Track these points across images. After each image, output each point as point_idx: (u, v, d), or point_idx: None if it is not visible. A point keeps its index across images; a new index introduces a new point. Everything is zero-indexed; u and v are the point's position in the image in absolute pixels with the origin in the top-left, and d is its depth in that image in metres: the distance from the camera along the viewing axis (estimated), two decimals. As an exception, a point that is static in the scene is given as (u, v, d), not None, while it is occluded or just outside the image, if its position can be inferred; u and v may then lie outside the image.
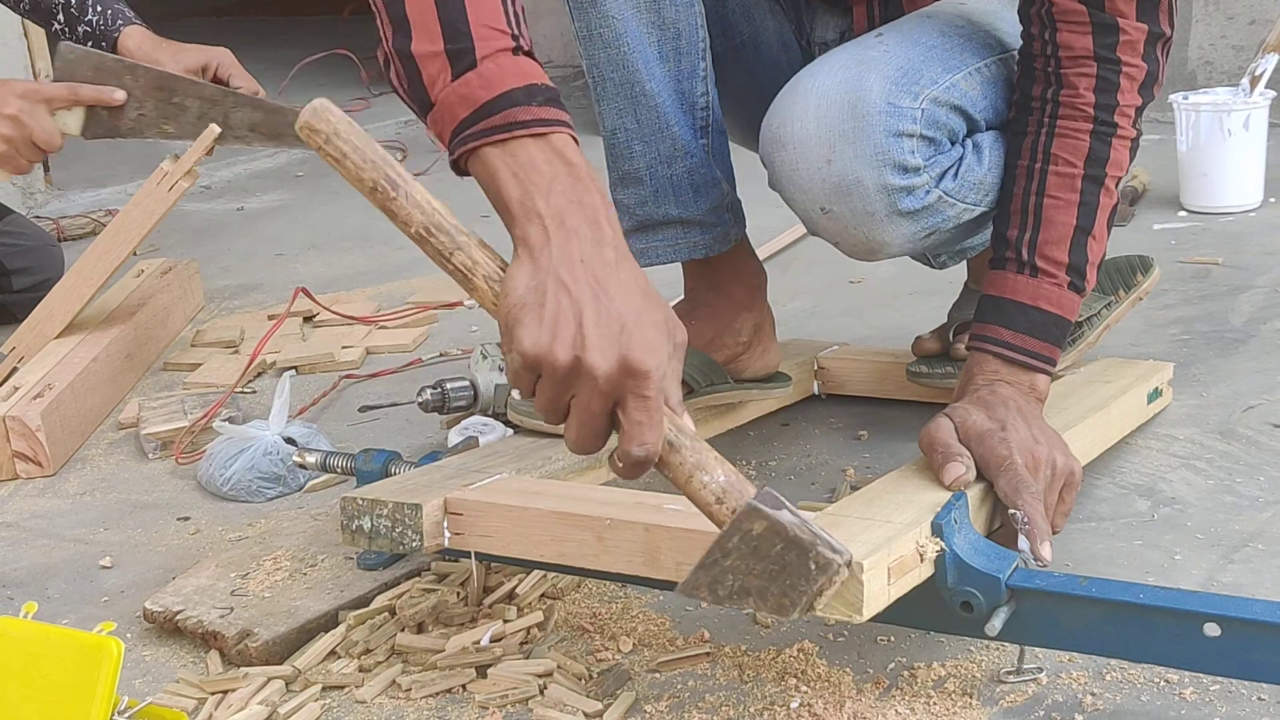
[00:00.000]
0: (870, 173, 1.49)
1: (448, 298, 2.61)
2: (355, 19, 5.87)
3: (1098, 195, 1.52)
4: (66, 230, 3.34)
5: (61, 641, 1.24)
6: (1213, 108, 2.69)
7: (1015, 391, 1.47)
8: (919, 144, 1.51)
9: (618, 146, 1.62)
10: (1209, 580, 1.44)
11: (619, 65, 1.59)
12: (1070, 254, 1.51)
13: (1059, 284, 1.51)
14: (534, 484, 1.44)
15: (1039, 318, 1.50)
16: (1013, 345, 1.50)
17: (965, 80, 1.57)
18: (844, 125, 1.49)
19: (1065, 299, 1.51)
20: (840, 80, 1.51)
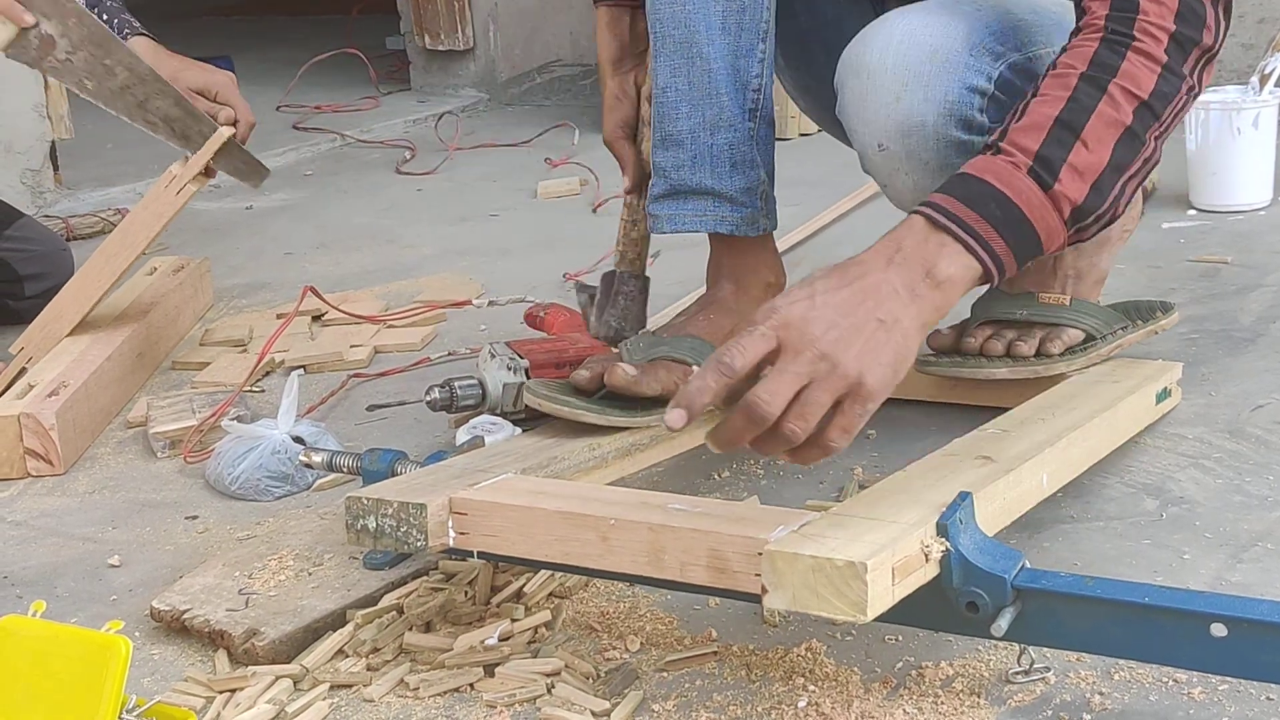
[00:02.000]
0: (935, 119, 1.49)
1: (456, 296, 2.61)
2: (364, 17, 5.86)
3: (1095, 99, 1.35)
4: (76, 229, 3.34)
5: (70, 640, 1.24)
6: (1222, 106, 2.69)
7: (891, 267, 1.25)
8: (989, 103, 1.51)
9: (665, 105, 1.64)
10: (1217, 580, 1.44)
11: (681, 23, 1.60)
12: (1042, 144, 1.33)
13: (1015, 164, 1.32)
14: (539, 484, 1.44)
15: (979, 188, 1.30)
16: (936, 205, 1.29)
17: (1049, 56, 1.51)
18: (921, 66, 1.49)
19: (1018, 181, 1.31)
20: (929, 23, 1.52)
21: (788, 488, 1.74)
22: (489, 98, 4.78)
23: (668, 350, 1.66)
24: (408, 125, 4.46)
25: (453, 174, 3.79)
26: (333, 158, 4.16)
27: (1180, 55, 1.39)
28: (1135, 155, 1.37)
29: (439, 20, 4.80)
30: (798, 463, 1.24)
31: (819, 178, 3.11)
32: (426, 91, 4.90)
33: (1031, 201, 1.31)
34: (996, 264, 1.30)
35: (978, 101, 1.50)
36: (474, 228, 3.22)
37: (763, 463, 1.81)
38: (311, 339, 2.46)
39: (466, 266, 2.86)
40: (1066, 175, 1.33)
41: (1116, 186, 1.36)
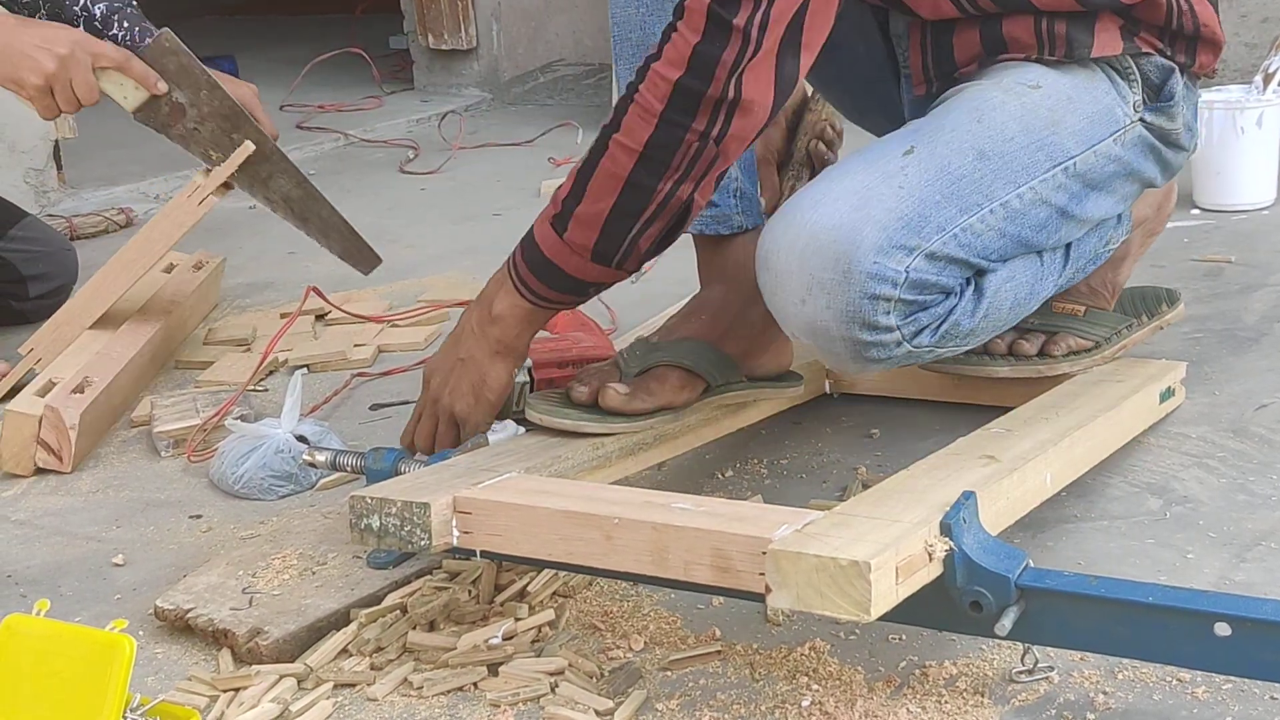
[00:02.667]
0: (838, 325, 1.45)
1: (459, 295, 2.61)
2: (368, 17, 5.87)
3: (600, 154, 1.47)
4: (79, 229, 3.34)
5: (74, 639, 1.24)
6: (1225, 105, 2.69)
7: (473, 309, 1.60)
8: (897, 305, 1.46)
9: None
10: (1221, 579, 1.44)
11: (637, 25, 1.60)
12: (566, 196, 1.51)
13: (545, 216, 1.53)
14: (542, 483, 1.44)
15: (528, 236, 1.55)
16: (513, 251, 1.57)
17: (983, 221, 1.50)
18: (824, 274, 1.44)
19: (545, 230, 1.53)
20: (836, 223, 1.44)
21: (791, 487, 1.74)
22: (492, 97, 4.79)
23: (662, 356, 1.65)
24: (411, 125, 4.46)
25: (456, 173, 3.79)
26: (336, 157, 4.16)
27: (684, 105, 1.42)
28: (645, 203, 1.47)
29: (442, 19, 4.80)
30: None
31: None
32: (430, 91, 4.90)
33: (554, 248, 1.52)
34: (536, 297, 1.56)
35: (882, 306, 1.45)
36: (477, 227, 3.22)
37: (766, 462, 1.81)
38: (315, 338, 2.46)
39: (470, 266, 2.86)
40: (574, 225, 1.50)
41: (632, 231, 1.48)
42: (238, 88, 2.35)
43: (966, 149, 1.51)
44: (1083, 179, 1.58)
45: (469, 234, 3.16)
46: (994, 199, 1.51)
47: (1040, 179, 1.55)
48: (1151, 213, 1.86)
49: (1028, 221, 1.55)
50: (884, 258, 1.43)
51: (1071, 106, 1.58)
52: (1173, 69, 1.64)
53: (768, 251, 1.48)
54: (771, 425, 1.88)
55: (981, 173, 1.51)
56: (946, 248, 1.48)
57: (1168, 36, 1.63)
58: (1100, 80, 1.61)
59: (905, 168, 1.48)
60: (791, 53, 1.43)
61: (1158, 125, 1.64)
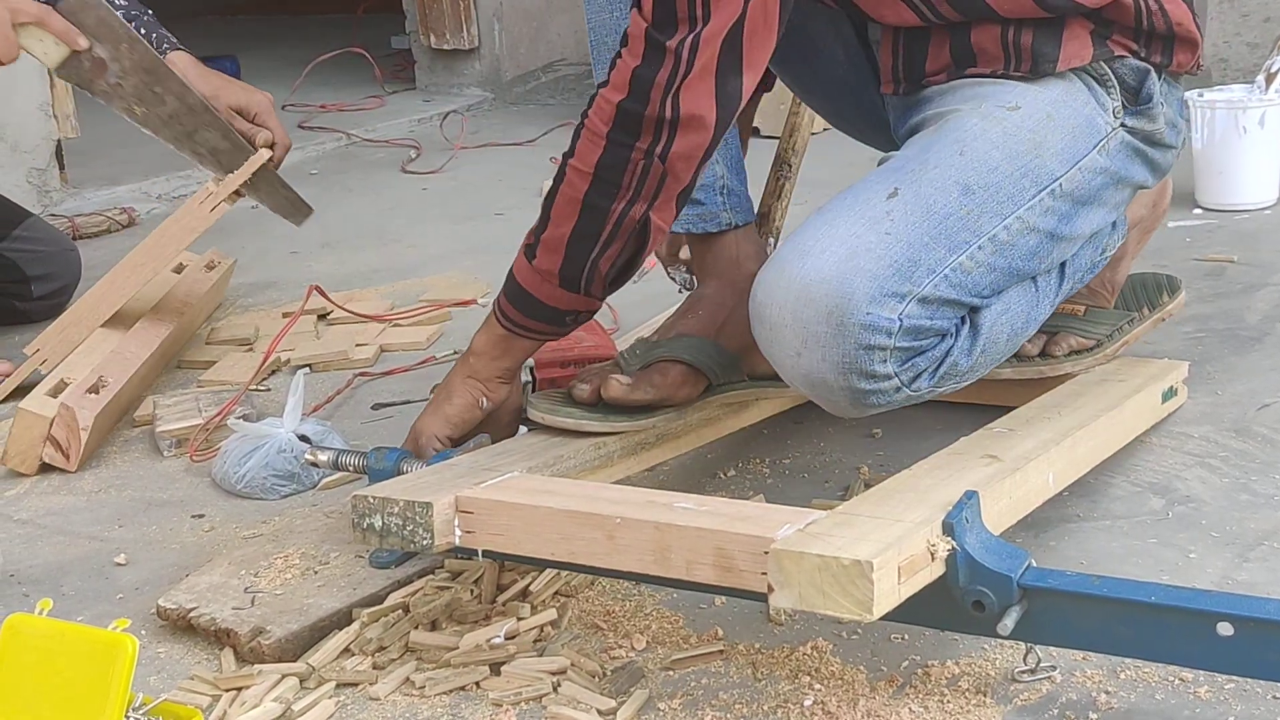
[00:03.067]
0: (835, 376, 1.45)
1: (461, 295, 2.61)
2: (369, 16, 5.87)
3: (560, 179, 1.53)
4: (81, 228, 3.34)
5: (76, 638, 1.24)
6: (1228, 105, 2.69)
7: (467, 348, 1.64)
8: (893, 354, 1.45)
9: None
10: (1224, 579, 1.44)
11: (612, 30, 1.60)
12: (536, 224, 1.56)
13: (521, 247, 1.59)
14: (545, 483, 1.44)
15: (511, 268, 1.60)
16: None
17: (972, 259, 1.50)
18: (818, 328, 1.44)
19: (520, 260, 1.58)
20: (826, 275, 1.43)
21: (794, 486, 1.74)
22: (494, 97, 4.79)
23: (662, 352, 1.66)
24: (413, 124, 4.46)
25: (458, 173, 3.79)
26: (338, 157, 4.16)
27: (627, 126, 1.47)
28: (601, 224, 1.51)
29: (444, 19, 4.80)
30: None
31: (827, 178, 3.11)
32: (431, 91, 4.90)
33: (526, 275, 1.57)
34: (513, 325, 1.60)
35: (878, 355, 1.44)
36: (479, 227, 3.22)
37: (768, 461, 1.81)
38: (317, 338, 2.46)
39: (471, 266, 2.86)
40: (541, 251, 1.55)
41: (592, 253, 1.52)
42: (252, 95, 2.35)
43: (950, 185, 1.50)
44: (1070, 198, 1.57)
45: (471, 234, 3.16)
46: (981, 234, 1.50)
47: (1026, 207, 1.53)
48: (1146, 211, 1.86)
49: (1017, 252, 1.54)
50: (877, 307, 1.43)
51: (1052, 125, 1.56)
52: (1148, 70, 1.62)
53: (760, 304, 1.48)
54: (773, 425, 1.88)
55: (967, 209, 1.50)
56: (938, 290, 1.47)
57: (1141, 37, 1.62)
58: (1078, 90, 1.60)
59: (891, 212, 1.47)
60: (733, 71, 1.46)
61: (1140, 128, 1.63)
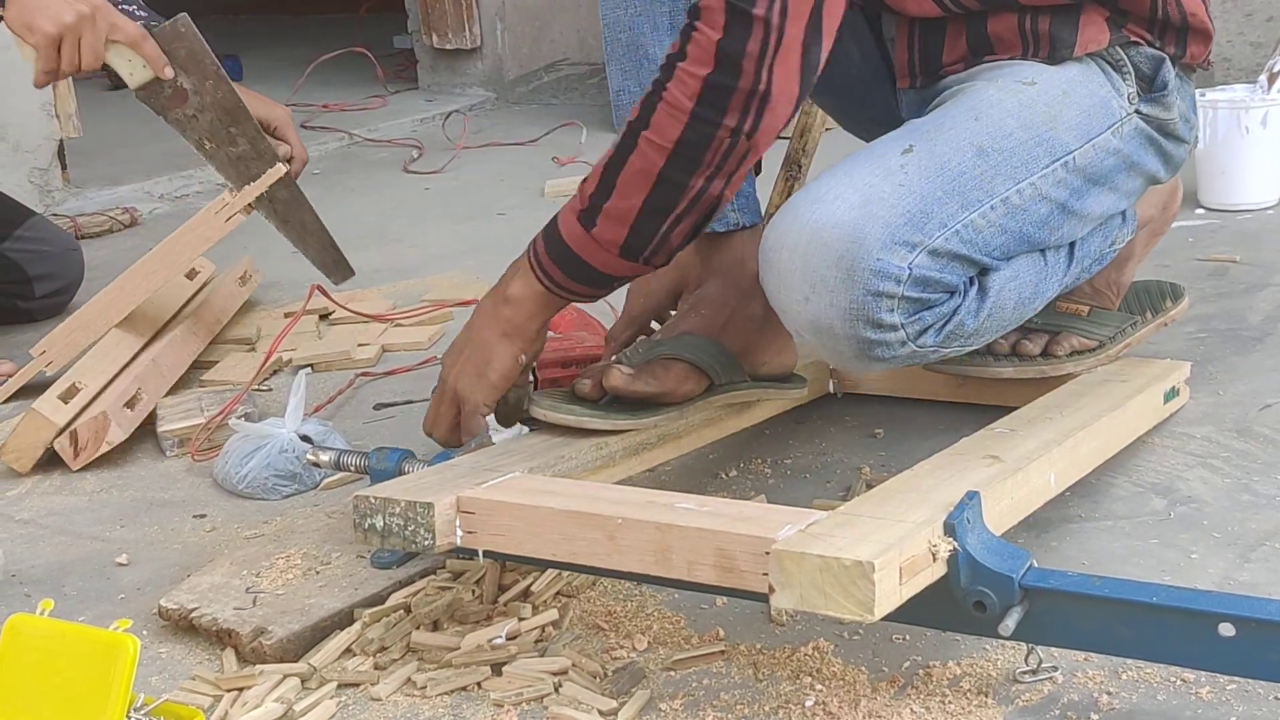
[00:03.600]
0: (842, 323, 1.45)
1: (463, 295, 2.61)
2: (372, 16, 5.87)
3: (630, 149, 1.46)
4: (84, 228, 3.35)
5: (78, 638, 1.24)
6: (1230, 105, 2.68)
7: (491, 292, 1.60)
8: (901, 303, 1.46)
9: (621, 108, 1.64)
10: (1226, 579, 1.44)
11: (626, 26, 1.60)
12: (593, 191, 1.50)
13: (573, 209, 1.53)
14: (546, 483, 1.44)
15: (551, 228, 1.55)
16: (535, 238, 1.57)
17: (984, 218, 1.50)
18: (827, 272, 1.44)
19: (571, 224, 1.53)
20: (838, 220, 1.43)
21: (795, 487, 1.74)
22: (496, 96, 4.79)
23: (664, 350, 1.66)
24: (415, 124, 4.47)
25: (460, 173, 3.79)
26: (340, 156, 4.16)
27: (715, 101, 1.42)
28: (677, 199, 1.47)
29: (446, 19, 4.80)
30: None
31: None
32: (434, 90, 4.90)
33: (580, 242, 1.52)
34: (555, 285, 1.56)
35: (886, 304, 1.44)
36: (481, 226, 3.22)
37: (770, 461, 1.81)
38: (319, 338, 2.46)
39: (473, 265, 2.86)
40: (603, 221, 1.49)
41: (663, 226, 1.49)
42: (273, 109, 2.35)
43: (965, 146, 1.51)
44: (1083, 174, 1.58)
45: (473, 233, 3.16)
46: (994, 195, 1.51)
47: (1040, 174, 1.55)
48: (1156, 213, 1.86)
49: (1029, 218, 1.55)
50: (887, 254, 1.43)
51: (1068, 101, 1.58)
52: (1163, 58, 1.64)
53: (770, 249, 1.48)
54: (775, 425, 1.88)
55: (981, 169, 1.51)
56: (949, 244, 1.48)
57: (1156, 27, 1.64)
58: (1094, 74, 1.61)
59: (905, 165, 1.48)
60: (814, 39, 1.43)
61: (1154, 116, 1.64)
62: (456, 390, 1.58)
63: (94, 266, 2.87)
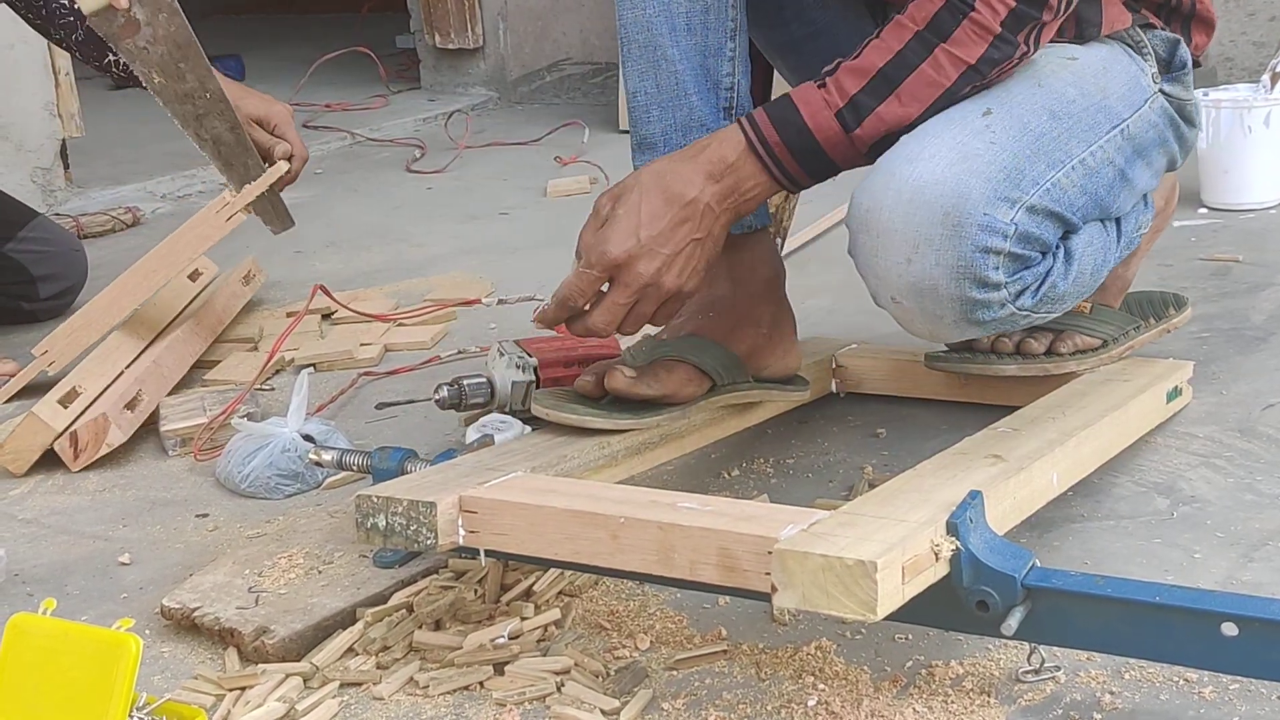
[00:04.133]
0: (948, 282, 1.45)
1: (466, 294, 2.61)
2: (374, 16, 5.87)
3: (920, 58, 1.47)
4: (86, 228, 3.35)
5: (80, 638, 1.24)
6: (1233, 104, 2.68)
7: (706, 178, 1.48)
8: (1005, 260, 1.46)
9: (637, 109, 1.64)
10: (1229, 579, 1.44)
11: (643, 27, 1.60)
12: (860, 91, 1.47)
13: (829, 104, 1.47)
14: (549, 482, 1.44)
15: (791, 115, 1.49)
16: (755, 123, 1.49)
17: (1067, 177, 1.53)
18: (932, 230, 1.43)
19: (824, 120, 1.47)
20: (939, 177, 1.44)
21: (797, 486, 1.74)
22: (499, 96, 4.79)
23: (668, 351, 1.65)
24: (417, 124, 4.47)
25: (462, 172, 3.79)
26: (343, 156, 4.16)
27: (1016, 27, 1.48)
28: (947, 106, 1.49)
29: (449, 19, 4.80)
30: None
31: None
32: (436, 90, 4.90)
33: (830, 138, 1.48)
34: (791, 181, 1.51)
35: (993, 260, 1.45)
36: (484, 226, 3.22)
37: (772, 461, 1.81)
38: (321, 337, 2.46)
39: (476, 265, 2.86)
40: (870, 121, 1.47)
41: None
42: (272, 105, 2.34)
43: (1039, 109, 1.53)
44: (1133, 143, 1.62)
45: (475, 233, 3.16)
46: (1072, 156, 1.53)
47: (1104, 139, 1.58)
48: (1161, 204, 1.86)
49: (1100, 180, 1.57)
50: (993, 209, 1.44)
51: (1109, 75, 1.61)
52: (1178, 40, 1.69)
53: (867, 211, 1.47)
54: (777, 425, 1.88)
55: (1058, 131, 1.53)
56: (1043, 201, 1.49)
57: (1165, 13, 1.68)
58: (1120, 54, 1.65)
59: (990, 125, 1.49)
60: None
61: (1175, 96, 1.68)
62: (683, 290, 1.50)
63: (96, 266, 2.87)
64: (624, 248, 1.47)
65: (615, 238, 1.47)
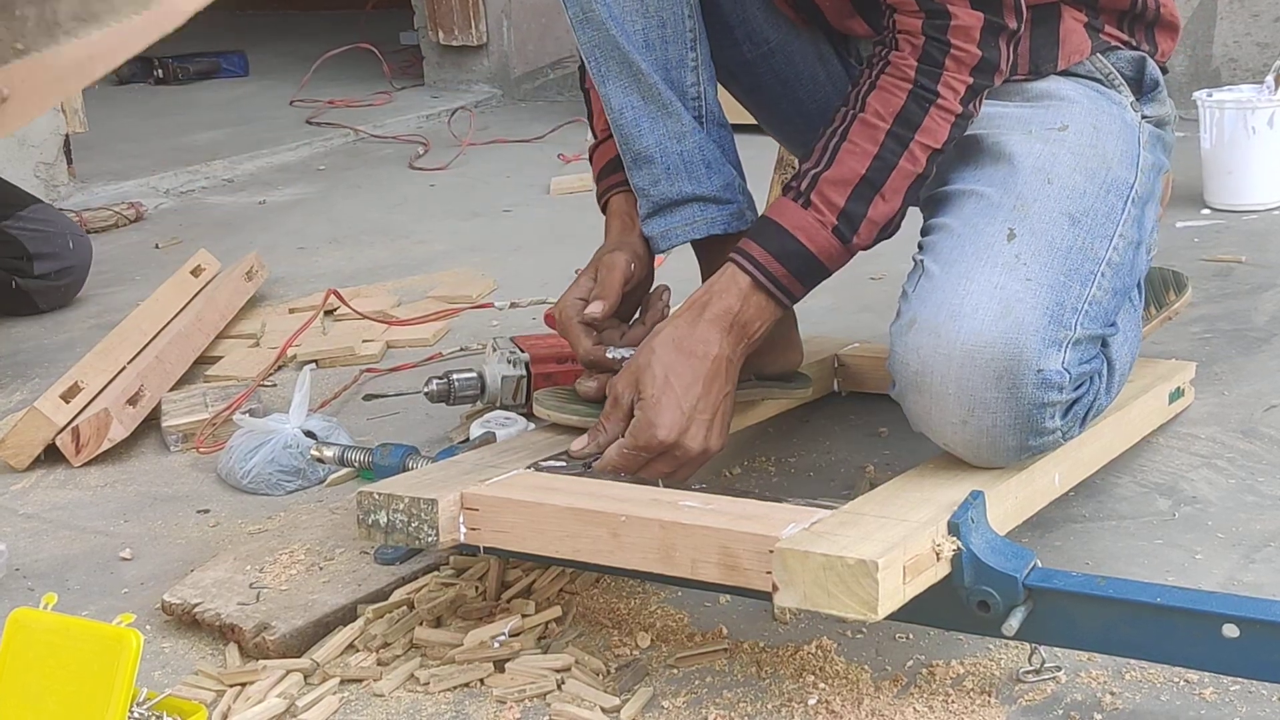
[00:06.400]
0: (1006, 437, 1.41)
1: (468, 291, 2.61)
2: (378, 12, 5.87)
3: (898, 156, 1.47)
4: (89, 223, 3.35)
5: (81, 633, 1.24)
6: (1237, 105, 2.68)
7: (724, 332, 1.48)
8: (1061, 409, 1.43)
9: (626, 126, 1.61)
10: (1230, 580, 1.44)
11: (614, 47, 1.59)
12: (848, 201, 1.47)
13: (824, 223, 1.47)
14: (550, 480, 1.44)
15: (791, 245, 1.48)
16: (757, 262, 1.49)
17: (1100, 288, 1.47)
18: (987, 394, 1.39)
19: (823, 240, 1.48)
20: (989, 339, 1.39)
21: (799, 485, 1.74)
22: (502, 93, 4.79)
23: None
24: (421, 120, 4.47)
25: (465, 169, 3.79)
26: (346, 153, 4.16)
27: (971, 99, 1.49)
28: (920, 189, 1.51)
29: (453, 16, 4.80)
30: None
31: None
32: (440, 87, 4.90)
33: (831, 254, 1.49)
34: (791, 302, 1.52)
35: (1049, 411, 1.41)
36: (486, 223, 3.22)
37: (774, 460, 1.81)
38: (324, 334, 2.46)
39: (479, 262, 2.86)
40: (864, 228, 1.49)
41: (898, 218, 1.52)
42: None
43: (1058, 217, 1.48)
44: (1141, 201, 1.57)
45: (478, 230, 3.16)
46: (1100, 260, 1.49)
47: (1121, 222, 1.52)
48: None
49: (1125, 270, 1.52)
50: (1045, 362, 1.40)
51: (1101, 135, 1.57)
52: (1143, 58, 1.65)
53: (917, 374, 1.43)
54: (779, 423, 1.88)
55: (1081, 239, 1.48)
56: (1085, 328, 1.45)
57: (1127, 23, 1.64)
58: (1097, 98, 1.60)
59: (1020, 255, 1.44)
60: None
61: (1155, 115, 1.65)
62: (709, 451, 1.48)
63: (99, 261, 2.87)
64: (675, 426, 1.46)
65: (663, 419, 1.45)
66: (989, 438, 1.41)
